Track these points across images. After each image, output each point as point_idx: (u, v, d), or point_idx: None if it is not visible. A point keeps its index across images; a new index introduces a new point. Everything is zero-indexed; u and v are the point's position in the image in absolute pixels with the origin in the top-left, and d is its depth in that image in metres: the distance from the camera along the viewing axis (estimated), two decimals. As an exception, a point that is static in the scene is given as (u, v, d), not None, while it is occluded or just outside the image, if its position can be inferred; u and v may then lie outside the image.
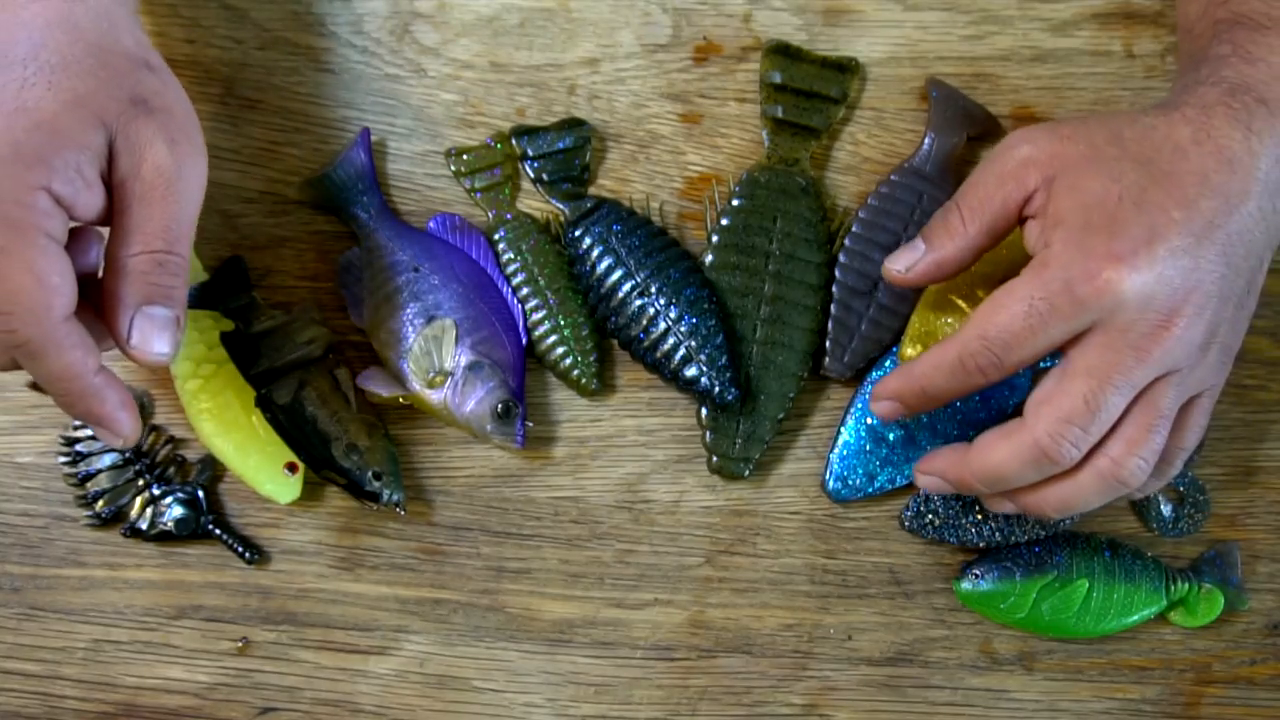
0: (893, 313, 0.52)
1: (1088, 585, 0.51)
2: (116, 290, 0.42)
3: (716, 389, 0.50)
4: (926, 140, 0.53)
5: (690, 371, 0.51)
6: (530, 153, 0.54)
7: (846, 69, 0.54)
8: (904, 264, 0.46)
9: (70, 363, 0.40)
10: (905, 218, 0.52)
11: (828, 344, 0.52)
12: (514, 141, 0.54)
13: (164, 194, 0.42)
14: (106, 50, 0.42)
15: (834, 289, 0.52)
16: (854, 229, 0.53)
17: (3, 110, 0.39)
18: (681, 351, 0.51)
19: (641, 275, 0.52)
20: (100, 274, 0.43)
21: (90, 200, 0.41)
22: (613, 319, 0.52)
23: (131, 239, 0.42)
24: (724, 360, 0.51)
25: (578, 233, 0.53)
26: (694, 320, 0.51)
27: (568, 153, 0.54)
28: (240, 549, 0.51)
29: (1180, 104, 0.44)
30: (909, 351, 0.50)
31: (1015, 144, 0.44)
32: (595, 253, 0.52)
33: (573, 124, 0.54)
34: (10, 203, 0.39)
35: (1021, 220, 0.45)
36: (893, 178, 0.53)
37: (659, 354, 0.51)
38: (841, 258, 0.52)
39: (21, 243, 0.39)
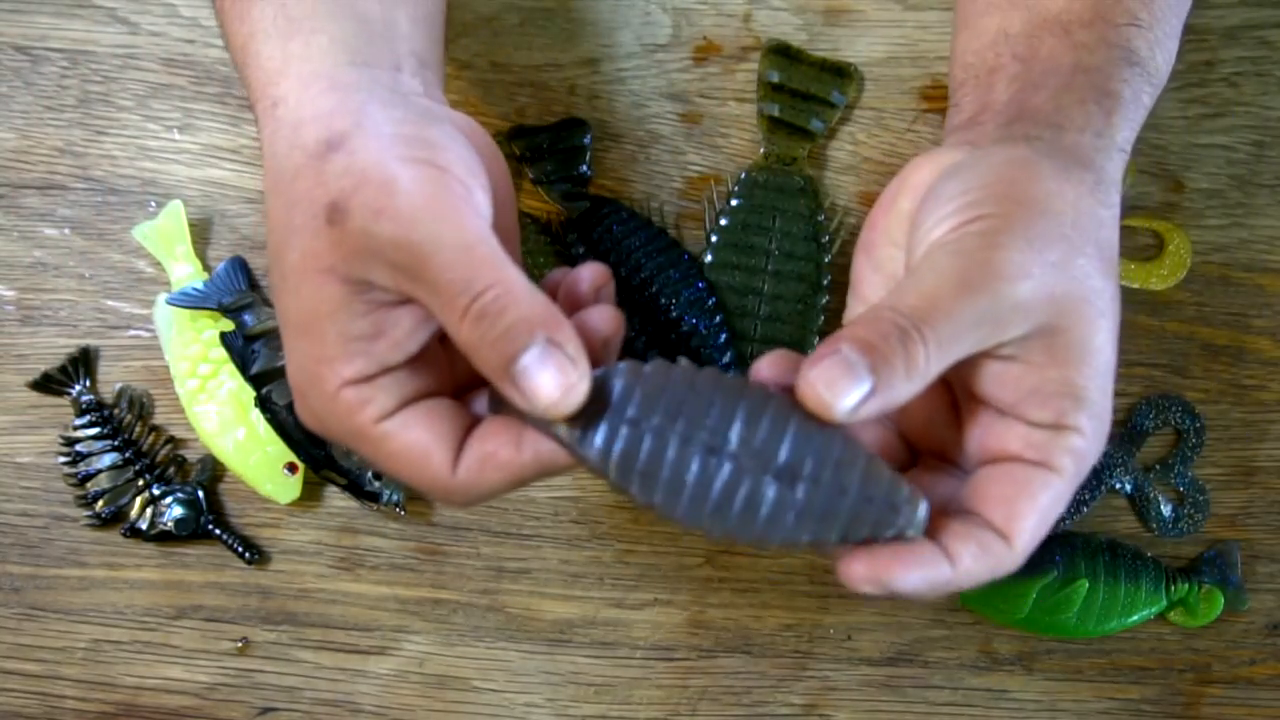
0: None
1: (1088, 585, 0.51)
2: (483, 372, 0.35)
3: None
4: None
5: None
6: (529, 153, 0.54)
7: (844, 73, 0.54)
8: (846, 402, 0.33)
9: (496, 484, 0.36)
10: None
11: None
12: (511, 142, 0.54)
13: (414, 268, 0.35)
14: (291, 205, 0.37)
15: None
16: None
17: (289, 350, 0.37)
18: (683, 351, 0.51)
19: (642, 276, 0.52)
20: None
21: (395, 352, 0.36)
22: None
23: (447, 314, 0.34)
24: (726, 359, 0.51)
25: (578, 234, 0.53)
26: (694, 320, 0.51)
27: (567, 153, 0.54)
28: (240, 549, 0.51)
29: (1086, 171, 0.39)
30: None
31: (1010, 274, 0.35)
32: (596, 254, 0.52)
33: (573, 124, 0.54)
34: (330, 422, 0.36)
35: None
36: None
37: (657, 347, 0.51)
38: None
39: (374, 443, 0.36)
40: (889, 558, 0.34)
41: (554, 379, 0.33)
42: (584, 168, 0.54)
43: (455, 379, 0.39)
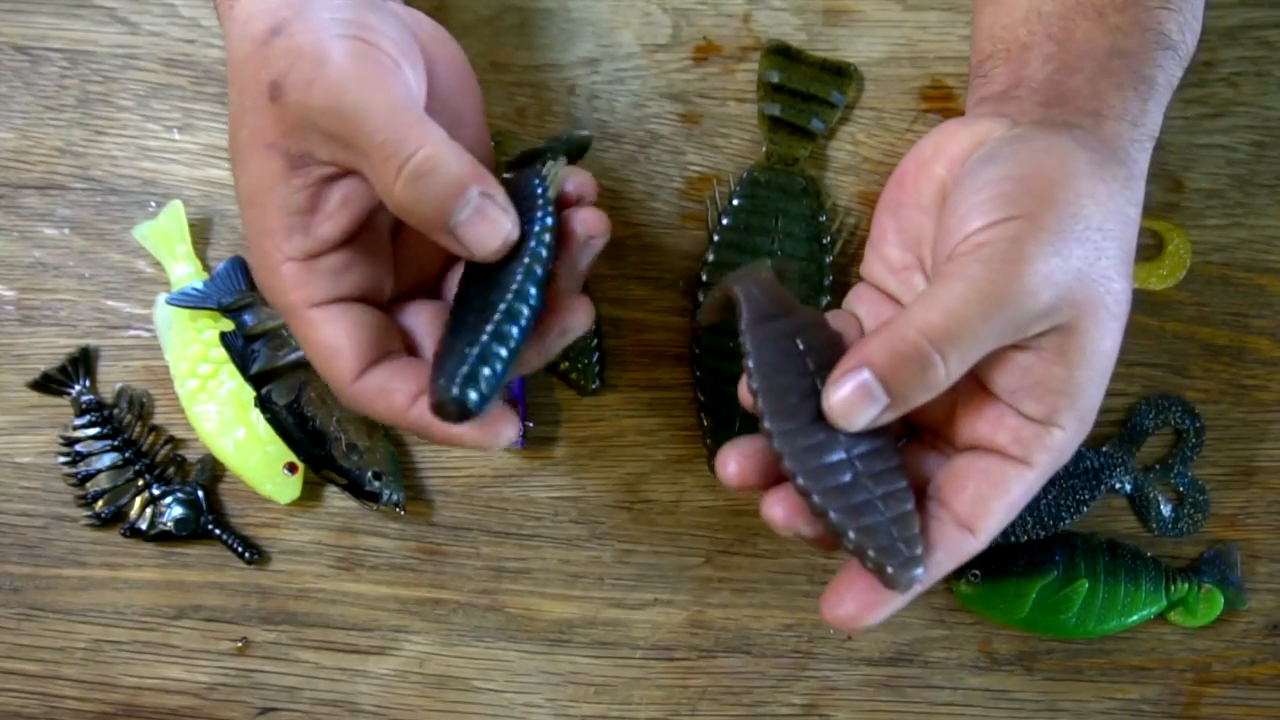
0: None
1: (1088, 585, 0.51)
2: (420, 228, 0.37)
3: None
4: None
5: None
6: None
7: (844, 73, 0.54)
8: (859, 418, 0.36)
9: (380, 414, 0.39)
10: None
11: None
12: (501, 142, 0.54)
13: (377, 147, 0.37)
14: (234, 82, 0.40)
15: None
16: None
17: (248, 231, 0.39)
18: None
19: None
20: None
21: (328, 224, 0.39)
22: None
23: (380, 177, 0.37)
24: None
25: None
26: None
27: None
28: (240, 549, 0.51)
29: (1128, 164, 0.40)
30: None
31: (1036, 287, 0.36)
32: None
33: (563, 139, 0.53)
34: (275, 293, 0.39)
35: None
36: None
37: None
38: None
39: (300, 323, 0.39)
40: (871, 598, 0.37)
41: (490, 228, 0.37)
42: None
43: (400, 280, 0.42)
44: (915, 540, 0.36)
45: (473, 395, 0.34)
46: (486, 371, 0.35)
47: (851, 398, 0.36)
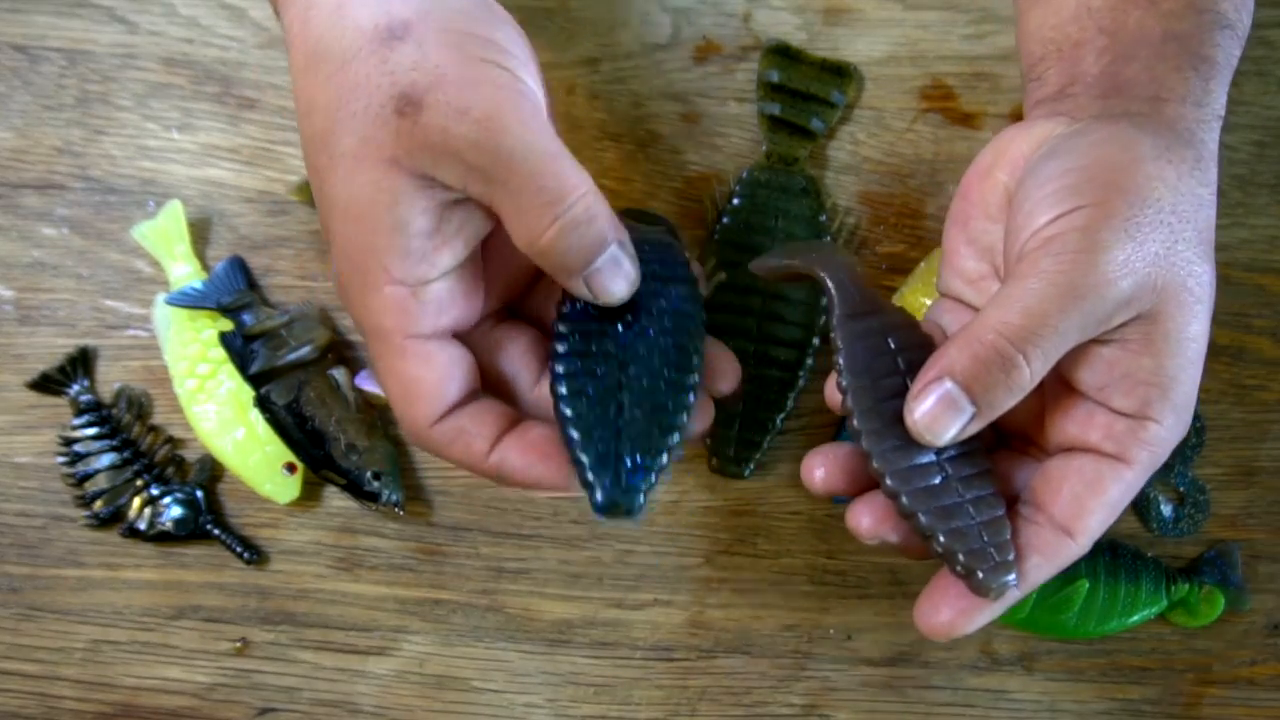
0: None
1: (1088, 585, 0.51)
2: (553, 270, 0.37)
3: None
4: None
5: None
6: None
7: (844, 73, 0.54)
8: (946, 432, 0.36)
9: (454, 458, 0.38)
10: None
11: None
12: None
13: (510, 161, 0.35)
14: (347, 92, 0.37)
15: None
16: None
17: (342, 262, 0.37)
18: None
19: None
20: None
21: (445, 252, 0.37)
22: None
23: (519, 226, 0.36)
24: None
25: None
26: None
27: None
28: (239, 549, 0.51)
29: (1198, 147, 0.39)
30: None
31: (1113, 276, 0.35)
32: None
33: None
34: (377, 323, 0.37)
35: None
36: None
37: None
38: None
39: (390, 351, 0.37)
40: (966, 606, 0.36)
41: (623, 279, 0.37)
42: None
43: (487, 300, 0.40)
44: (1006, 546, 0.36)
45: (642, 499, 0.35)
46: (656, 473, 0.35)
47: (935, 410, 0.35)
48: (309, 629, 0.52)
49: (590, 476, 0.35)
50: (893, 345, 0.38)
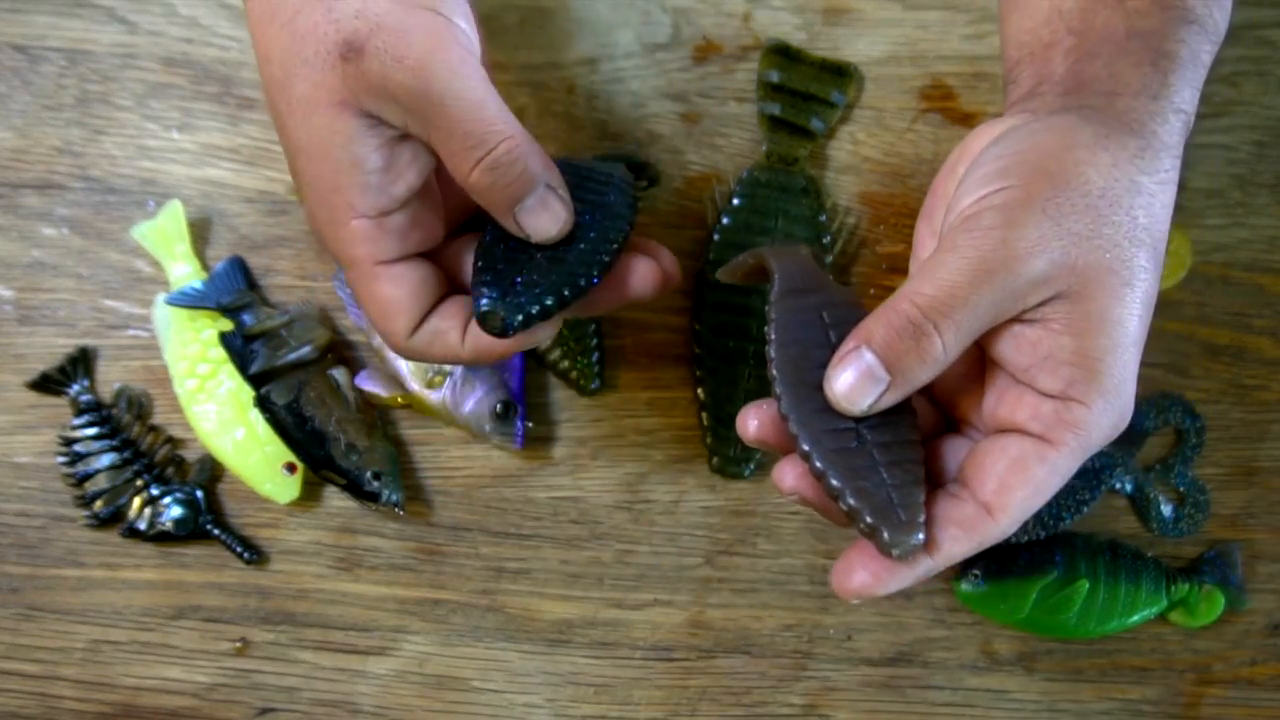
0: None
1: (1088, 585, 0.51)
2: (484, 206, 0.40)
3: None
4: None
5: None
6: None
7: (844, 73, 0.54)
8: (863, 400, 0.36)
9: (436, 357, 0.42)
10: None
11: None
12: None
13: (440, 100, 0.38)
14: (297, 38, 0.40)
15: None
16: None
17: (308, 194, 0.40)
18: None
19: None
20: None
21: (400, 183, 0.40)
22: None
23: (457, 160, 0.39)
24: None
25: None
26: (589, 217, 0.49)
27: None
28: (239, 549, 0.51)
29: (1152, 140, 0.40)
30: None
31: (1025, 252, 0.36)
32: None
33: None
34: (339, 250, 0.40)
35: None
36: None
37: None
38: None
39: (363, 277, 0.40)
40: (879, 569, 0.36)
41: (551, 218, 0.40)
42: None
43: (447, 218, 0.43)
44: (916, 508, 0.36)
45: (519, 319, 0.39)
46: (540, 306, 0.39)
47: (852, 379, 0.36)
48: (309, 629, 0.52)
49: (483, 291, 0.39)
50: (826, 319, 0.39)
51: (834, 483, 0.36)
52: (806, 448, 0.36)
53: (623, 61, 0.55)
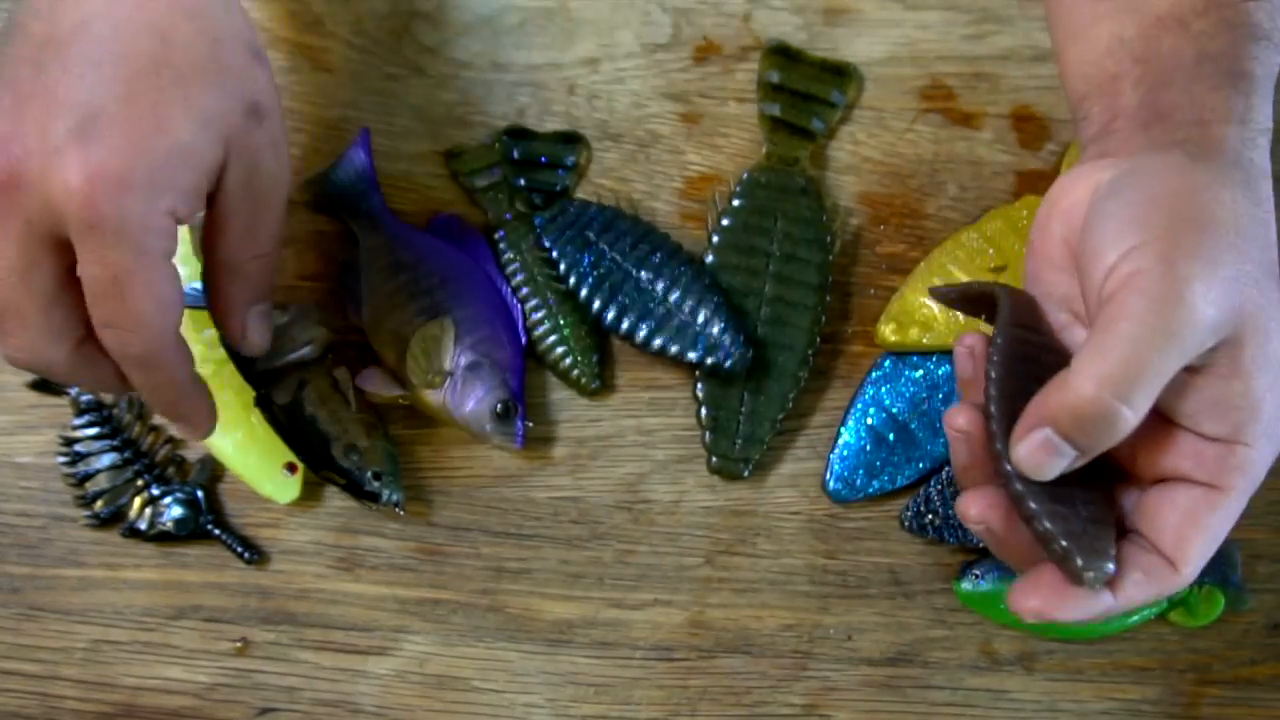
0: None
1: (1088, 585, 0.51)
2: (231, 291, 0.44)
3: (727, 345, 0.50)
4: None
5: (695, 351, 0.50)
6: (516, 155, 0.54)
7: (844, 73, 0.54)
8: (1052, 473, 0.36)
9: (175, 371, 0.42)
10: None
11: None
12: (503, 139, 0.54)
13: (271, 200, 0.44)
14: (225, 43, 0.41)
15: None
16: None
17: (142, 129, 0.39)
18: (682, 323, 0.51)
19: (630, 264, 0.52)
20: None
21: (196, 211, 0.41)
22: (608, 313, 0.51)
23: (244, 245, 0.43)
24: (726, 318, 0.50)
25: (552, 238, 0.52)
26: (681, 294, 0.51)
27: (553, 167, 0.54)
28: (239, 549, 0.51)
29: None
30: (884, 330, 0.52)
31: (1201, 307, 0.35)
32: (577, 252, 0.52)
33: (568, 138, 0.54)
34: (140, 229, 0.39)
35: None
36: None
37: (664, 333, 0.51)
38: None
39: (146, 265, 0.39)
40: (1059, 595, 0.36)
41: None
42: (566, 183, 0.54)
43: None
44: (1109, 541, 0.36)
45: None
46: None
47: (1039, 455, 0.36)
48: (309, 629, 0.52)
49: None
50: (1043, 361, 0.39)
51: (1031, 505, 0.36)
52: (1009, 468, 0.37)
53: (623, 61, 0.55)
